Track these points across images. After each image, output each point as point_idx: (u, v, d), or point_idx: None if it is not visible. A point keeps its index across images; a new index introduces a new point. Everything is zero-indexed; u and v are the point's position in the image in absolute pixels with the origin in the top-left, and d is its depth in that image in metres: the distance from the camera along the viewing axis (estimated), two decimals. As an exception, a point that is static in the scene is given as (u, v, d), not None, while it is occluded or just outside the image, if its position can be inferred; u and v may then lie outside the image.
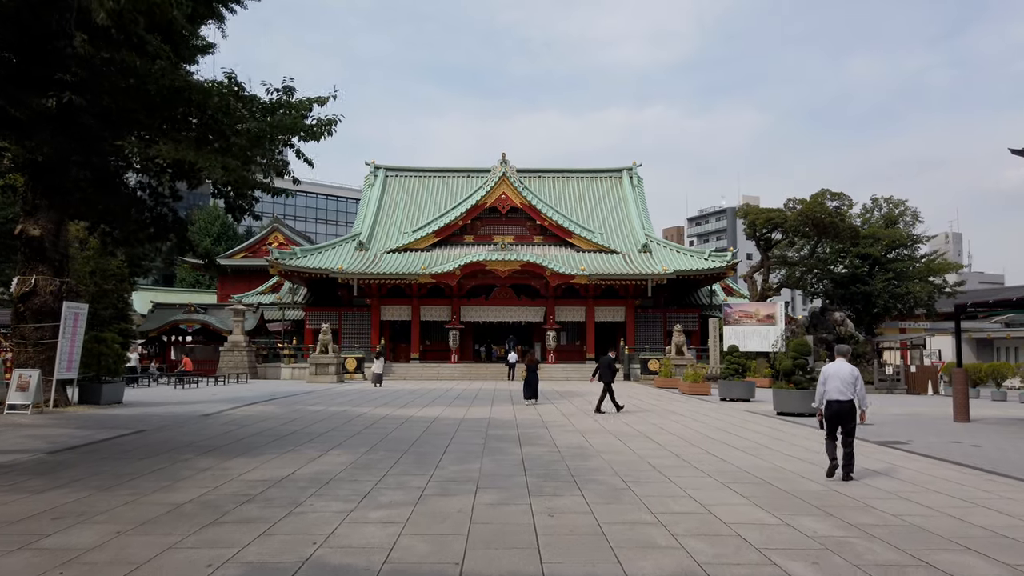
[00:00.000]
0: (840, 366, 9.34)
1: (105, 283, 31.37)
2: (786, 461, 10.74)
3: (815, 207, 34.84)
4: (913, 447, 12.47)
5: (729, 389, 23.85)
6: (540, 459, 10.66)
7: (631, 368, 39.18)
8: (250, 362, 38.68)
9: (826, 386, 9.29)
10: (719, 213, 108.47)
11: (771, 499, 7.98)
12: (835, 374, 9.27)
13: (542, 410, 19.21)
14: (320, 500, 7.72)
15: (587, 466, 10.08)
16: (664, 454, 11.35)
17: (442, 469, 9.73)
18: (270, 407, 19.22)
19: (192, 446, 11.81)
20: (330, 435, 13.36)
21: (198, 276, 72.49)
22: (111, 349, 19.73)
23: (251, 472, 9.38)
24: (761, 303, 36.76)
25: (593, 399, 23.78)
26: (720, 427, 15.48)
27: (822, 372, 9.50)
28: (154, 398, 22.13)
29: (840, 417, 9.20)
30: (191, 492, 8.08)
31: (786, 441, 13.11)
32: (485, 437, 13.24)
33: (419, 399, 22.86)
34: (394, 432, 13.88)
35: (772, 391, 19.37)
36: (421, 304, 42.24)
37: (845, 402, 9.15)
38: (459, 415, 17.51)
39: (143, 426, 14.57)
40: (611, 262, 42.13)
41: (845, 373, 9.22)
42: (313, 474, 9.28)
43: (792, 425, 15.94)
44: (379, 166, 51.63)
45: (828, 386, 9.28)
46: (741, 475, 9.49)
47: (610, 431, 14.44)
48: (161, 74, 8.83)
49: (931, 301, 38.42)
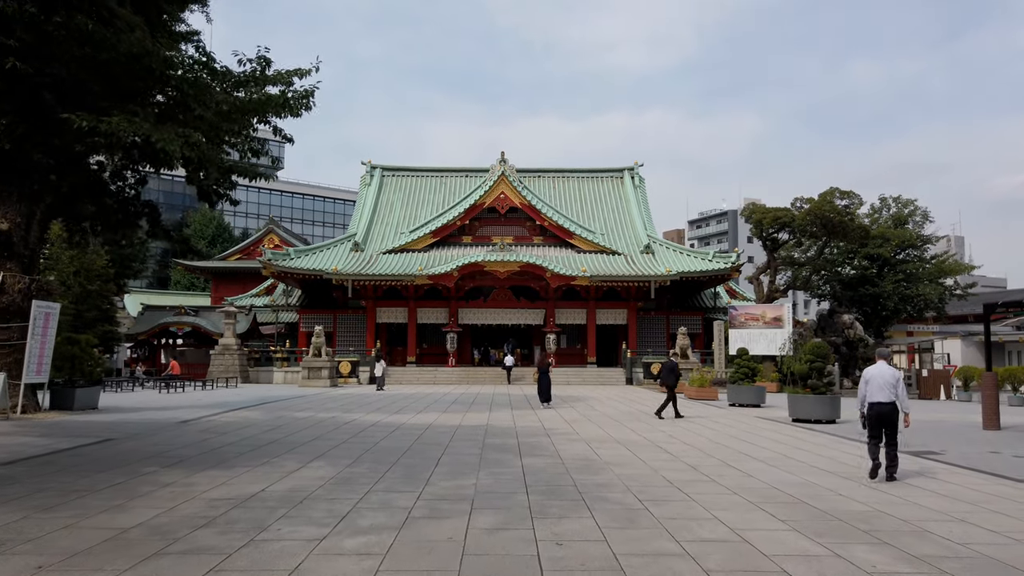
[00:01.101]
0: (881, 368, 9.42)
1: (89, 283, 30.43)
2: (816, 475, 9.68)
3: (824, 206, 33.78)
4: (949, 458, 11.42)
5: (738, 394, 22.78)
6: (543, 473, 9.59)
7: (633, 372, 38.10)
8: (241, 366, 37.60)
9: (868, 388, 9.36)
10: (720, 216, 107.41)
11: (811, 522, 6.92)
12: (877, 376, 9.34)
13: (543, 416, 18.15)
14: (289, 524, 6.65)
15: (596, 481, 9.01)
16: (679, 466, 10.29)
17: (433, 485, 8.66)
18: (254, 413, 18.13)
19: (160, 457, 10.74)
20: (313, 444, 12.28)
21: (193, 279, 71.40)
22: (86, 351, 18.62)
23: (217, 488, 8.31)
24: (768, 305, 35.71)
25: (595, 403, 22.76)
26: (734, 435, 14.41)
27: (863, 375, 9.60)
28: (135, 403, 21.03)
29: (883, 418, 9.23)
30: (143, 513, 7.01)
31: (810, 451, 12.05)
32: (482, 447, 12.17)
33: (414, 404, 21.79)
34: (383, 441, 12.80)
35: (787, 396, 18.32)
36: (418, 306, 41.16)
37: (887, 403, 9.20)
38: (455, 422, 16.44)
39: (113, 434, 13.50)
40: (613, 263, 41.07)
41: (887, 375, 9.29)
42: (287, 491, 8.21)
43: (811, 433, 14.88)
44: (375, 165, 50.57)
45: (870, 388, 9.34)
46: (770, 492, 8.43)
47: (618, 440, 13.37)
48: (118, 39, 7.79)
49: (942, 303, 37.38)
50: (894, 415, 9.18)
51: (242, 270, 53.70)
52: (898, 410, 9.22)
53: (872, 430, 9.31)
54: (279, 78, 9.26)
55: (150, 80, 8.24)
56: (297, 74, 9.36)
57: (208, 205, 10.39)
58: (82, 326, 29.36)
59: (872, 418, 9.27)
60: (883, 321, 37.67)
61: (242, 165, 9.80)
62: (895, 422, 9.20)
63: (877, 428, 9.26)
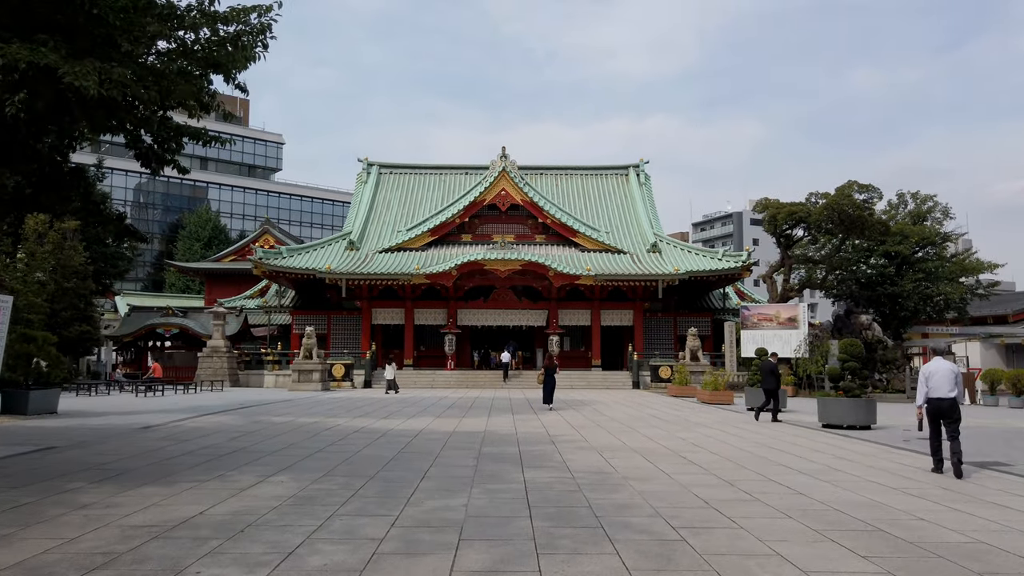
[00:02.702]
0: (939, 364, 9.52)
1: (65, 281, 28.77)
2: (880, 492, 8.01)
3: (842, 199, 32.01)
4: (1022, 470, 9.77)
5: (757, 398, 21.03)
6: (550, 490, 7.94)
7: (640, 375, 36.37)
8: (231, 368, 35.92)
9: (928, 384, 9.40)
10: (725, 218, 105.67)
11: (904, 559, 5.27)
12: (936, 372, 9.42)
13: (547, 421, 16.48)
14: (215, 564, 5.01)
15: (615, 501, 7.36)
16: (712, 481, 8.62)
17: (414, 506, 7.02)
18: (228, 418, 16.47)
19: (96, 469, 9.10)
20: (282, 454, 10.63)
21: (188, 282, 69.91)
22: (43, 351, 16.95)
23: (144, 511, 6.67)
24: (782, 305, 34.04)
25: (602, 408, 21.08)
26: (762, 443, 12.75)
27: (922, 371, 9.65)
28: (103, 407, 19.38)
29: (942, 413, 9.32)
30: (30, 547, 5.38)
31: (857, 462, 10.37)
32: (478, 457, 10.51)
33: (407, 408, 20.12)
34: (364, 450, 11.14)
35: (816, 400, 16.65)
36: (415, 307, 39.48)
37: (946, 399, 9.27)
38: (449, 427, 14.77)
39: (59, 442, 11.86)
40: (618, 262, 39.39)
41: (945, 370, 9.38)
42: (230, 514, 6.56)
43: (849, 440, 13.20)
44: (372, 163, 48.93)
45: (930, 384, 9.38)
46: (833, 516, 6.77)
47: (634, 448, 11.70)
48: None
49: (963, 303, 35.67)
50: (954, 410, 9.26)
51: (236, 271, 52.05)
52: (957, 405, 9.32)
53: (933, 426, 9.41)
54: (233, 17, 7.66)
55: (66, 8, 6.66)
56: (255, 10, 7.75)
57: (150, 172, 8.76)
58: (58, 325, 27.70)
59: (931, 413, 9.40)
60: (901, 322, 35.94)
61: (190, 128, 8.19)
62: (956, 417, 9.24)
63: (936, 423, 9.38)
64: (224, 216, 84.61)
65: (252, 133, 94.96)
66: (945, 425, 9.27)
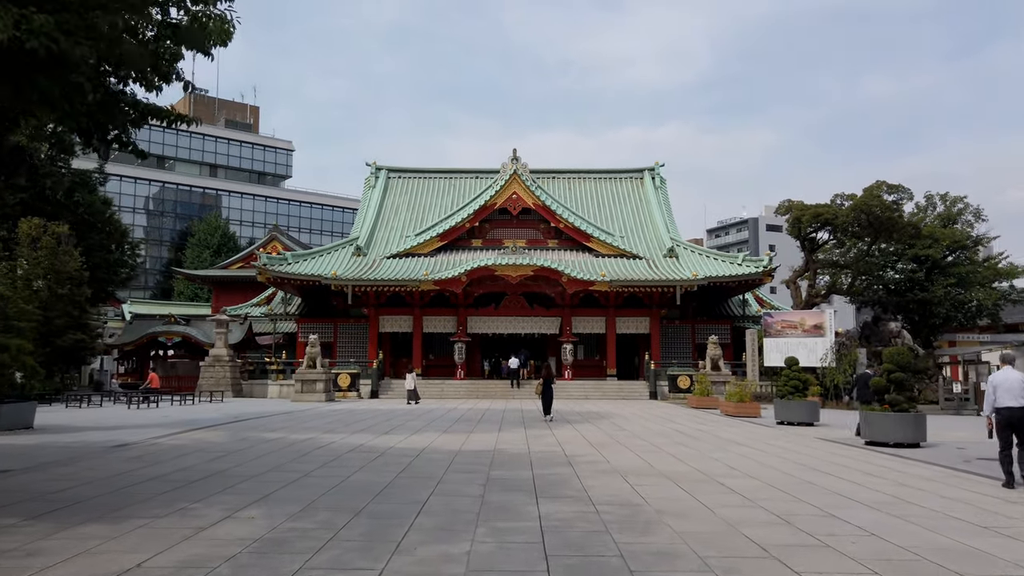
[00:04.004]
0: (1008, 374, 9.19)
1: (59, 287, 27.68)
2: (973, 535, 6.59)
3: (870, 200, 30.45)
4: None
5: (788, 410, 19.64)
6: (570, 529, 6.58)
7: (657, 385, 34.87)
8: (233, 378, 34.77)
9: (997, 393, 9.08)
10: (740, 224, 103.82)
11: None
12: (1004, 381, 9.11)
13: (562, 436, 15.10)
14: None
15: (651, 547, 5.99)
16: (763, 517, 7.24)
17: (404, 554, 5.68)
18: (215, 434, 15.20)
19: (42, 500, 7.83)
20: (262, 480, 9.32)
21: (197, 290, 69.08)
22: (17, 360, 15.74)
23: (68, 562, 5.37)
24: (807, 311, 32.53)
25: (621, 421, 19.69)
26: (807, 464, 11.33)
27: (989, 381, 9.47)
28: (86, 422, 18.18)
29: (1014, 423, 8.93)
30: None
31: (925, 490, 8.94)
32: (485, 483, 9.16)
33: (412, 422, 18.80)
34: (356, 475, 9.82)
35: (859, 414, 15.22)
36: (424, 314, 38.19)
37: (1018, 408, 8.87)
38: (455, 445, 13.43)
39: (16, 463, 10.63)
40: (634, 268, 37.98)
41: (1015, 379, 9.04)
42: (174, 567, 5.25)
43: (903, 461, 11.75)
44: (380, 167, 47.79)
45: (999, 393, 9.04)
46: (930, 570, 5.38)
47: (663, 473, 10.30)
48: None
49: (996, 309, 34.01)
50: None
51: (243, 279, 50.96)
52: None
53: (1003, 438, 9.05)
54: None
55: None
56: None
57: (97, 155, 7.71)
58: (51, 334, 26.62)
59: (1001, 424, 9.06)
60: (932, 330, 34.29)
61: (151, 106, 6.99)
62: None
63: (1007, 434, 9.03)
64: (234, 223, 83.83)
65: (262, 140, 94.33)
66: (1017, 436, 9.02)
